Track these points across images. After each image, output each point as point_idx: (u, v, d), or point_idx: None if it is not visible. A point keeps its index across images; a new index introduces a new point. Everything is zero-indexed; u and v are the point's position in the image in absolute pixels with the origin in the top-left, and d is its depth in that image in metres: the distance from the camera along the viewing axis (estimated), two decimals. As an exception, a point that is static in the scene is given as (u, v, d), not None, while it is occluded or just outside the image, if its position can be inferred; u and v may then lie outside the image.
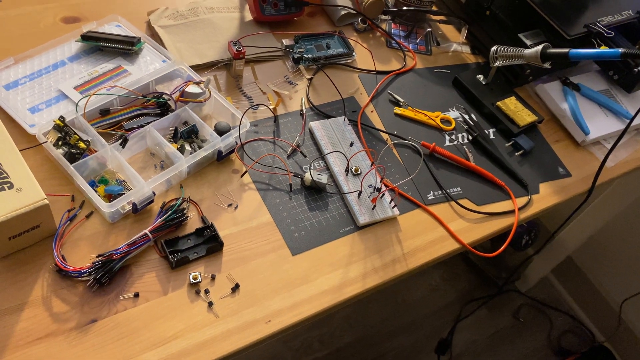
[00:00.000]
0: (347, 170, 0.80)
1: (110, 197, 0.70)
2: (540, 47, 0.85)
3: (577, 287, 1.79)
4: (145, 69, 0.84)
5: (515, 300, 1.79)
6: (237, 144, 0.78)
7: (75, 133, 0.71)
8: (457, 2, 1.07)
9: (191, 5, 0.96)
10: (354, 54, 0.98)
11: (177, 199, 0.72)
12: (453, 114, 0.94)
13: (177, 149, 0.75)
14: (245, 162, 0.79)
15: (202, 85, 0.79)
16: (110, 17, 0.89)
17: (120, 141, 0.72)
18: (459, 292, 1.78)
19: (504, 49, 0.91)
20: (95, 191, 0.69)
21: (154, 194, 0.70)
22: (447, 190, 0.83)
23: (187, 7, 0.96)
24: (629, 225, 1.56)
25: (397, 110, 0.92)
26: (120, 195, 0.69)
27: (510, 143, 0.91)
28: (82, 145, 0.70)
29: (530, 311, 1.78)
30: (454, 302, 1.75)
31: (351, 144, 0.83)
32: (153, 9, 0.94)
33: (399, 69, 0.98)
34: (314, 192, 0.78)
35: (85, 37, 0.84)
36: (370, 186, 0.79)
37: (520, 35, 0.99)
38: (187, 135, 0.77)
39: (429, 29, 1.06)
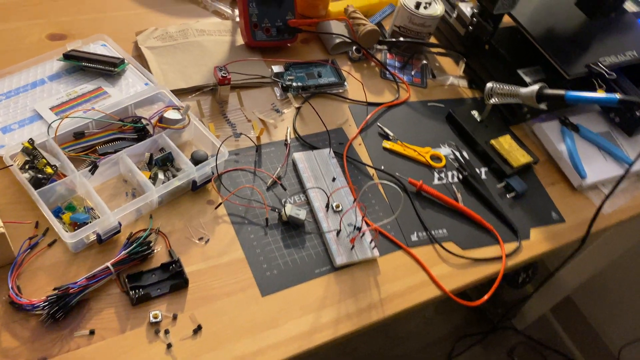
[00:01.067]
0: (327, 206, 0.77)
1: (75, 225, 0.67)
2: (536, 87, 0.82)
3: (576, 329, 1.73)
4: (126, 91, 0.81)
5: (510, 338, 1.74)
6: (214, 174, 0.75)
7: (44, 157, 0.68)
8: (455, 34, 1.04)
9: (181, 27, 0.94)
10: (345, 83, 0.95)
11: (145, 230, 0.69)
12: (444, 151, 0.90)
13: (150, 177, 0.72)
14: (222, 193, 0.76)
15: (181, 112, 0.77)
16: (97, 37, 0.88)
17: (89, 167, 0.69)
18: (452, 327, 1.73)
19: (499, 86, 0.88)
20: (60, 218, 0.67)
21: (120, 225, 0.67)
22: (432, 231, 0.79)
23: (177, 29, 0.94)
24: (632, 268, 1.51)
25: (386, 144, 0.88)
26: (85, 224, 0.66)
27: (503, 184, 0.87)
28: (49, 170, 0.67)
29: (526, 350, 1.72)
30: (447, 336, 1.70)
31: (333, 179, 0.80)
32: (142, 29, 0.92)
33: (391, 102, 0.95)
34: (291, 227, 0.75)
35: (67, 56, 0.82)
36: (350, 225, 0.75)
37: (520, 72, 0.96)
38: (161, 163, 0.74)
39: (425, 61, 1.04)
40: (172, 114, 0.76)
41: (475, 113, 0.95)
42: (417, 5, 1.00)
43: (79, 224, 0.66)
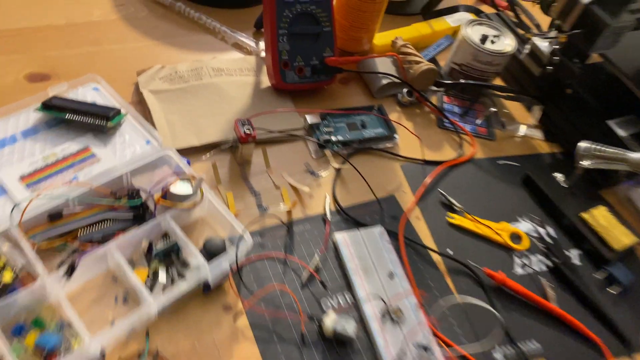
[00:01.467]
0: (384, 314, 0.58)
1: (42, 352, 0.48)
2: (656, 155, 0.63)
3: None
4: (120, 152, 0.63)
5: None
6: (232, 267, 0.56)
7: (3, 254, 0.50)
8: (527, 75, 0.85)
9: (194, 65, 0.76)
10: (395, 136, 0.76)
11: (139, 356, 0.50)
12: (524, 227, 0.71)
13: (148, 276, 0.54)
14: (243, 294, 0.57)
15: (192, 184, 0.58)
16: (87, 77, 0.70)
17: (65, 269, 0.51)
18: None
19: (598, 148, 0.69)
20: (22, 342, 0.48)
21: (104, 355, 0.48)
22: (520, 344, 0.60)
23: (188, 67, 0.76)
24: None
25: (451, 217, 0.69)
26: (54, 353, 0.47)
27: (605, 275, 0.68)
28: (6, 278, 0.48)
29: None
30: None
31: (390, 275, 0.61)
32: (145, 67, 0.74)
33: (454, 159, 0.76)
34: (336, 344, 0.56)
35: (47, 106, 0.64)
36: (416, 344, 0.56)
37: (610, 123, 0.77)
38: (163, 256, 0.56)
39: (492, 108, 0.84)
40: (179, 188, 0.58)
41: (558, 176, 0.76)
42: (483, 39, 0.82)
43: (47, 350, 0.48)
